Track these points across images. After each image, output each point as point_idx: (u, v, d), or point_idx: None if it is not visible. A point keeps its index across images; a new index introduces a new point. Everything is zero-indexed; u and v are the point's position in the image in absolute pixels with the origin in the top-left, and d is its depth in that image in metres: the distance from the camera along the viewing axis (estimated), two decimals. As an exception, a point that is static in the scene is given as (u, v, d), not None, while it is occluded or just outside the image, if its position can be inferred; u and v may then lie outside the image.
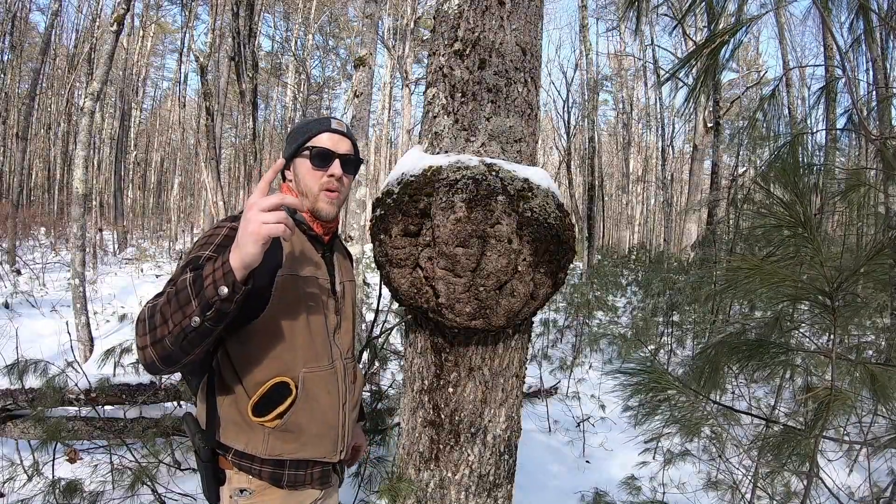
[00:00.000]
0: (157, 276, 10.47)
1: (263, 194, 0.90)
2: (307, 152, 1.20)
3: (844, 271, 1.22)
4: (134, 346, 3.59)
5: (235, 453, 1.12)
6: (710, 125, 8.97)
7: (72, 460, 2.67)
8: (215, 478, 1.15)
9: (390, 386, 3.09)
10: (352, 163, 1.25)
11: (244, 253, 0.87)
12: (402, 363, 2.35)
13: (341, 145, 1.22)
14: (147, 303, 0.95)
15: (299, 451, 1.15)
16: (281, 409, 1.10)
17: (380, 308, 2.92)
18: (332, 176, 1.20)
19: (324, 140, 1.21)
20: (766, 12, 1.76)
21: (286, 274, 1.12)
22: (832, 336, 1.32)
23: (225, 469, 1.14)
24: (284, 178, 1.28)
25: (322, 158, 1.20)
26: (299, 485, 1.17)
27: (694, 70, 1.87)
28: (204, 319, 0.86)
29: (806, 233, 1.23)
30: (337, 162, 1.20)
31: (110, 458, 2.53)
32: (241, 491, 1.13)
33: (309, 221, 1.23)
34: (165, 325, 0.88)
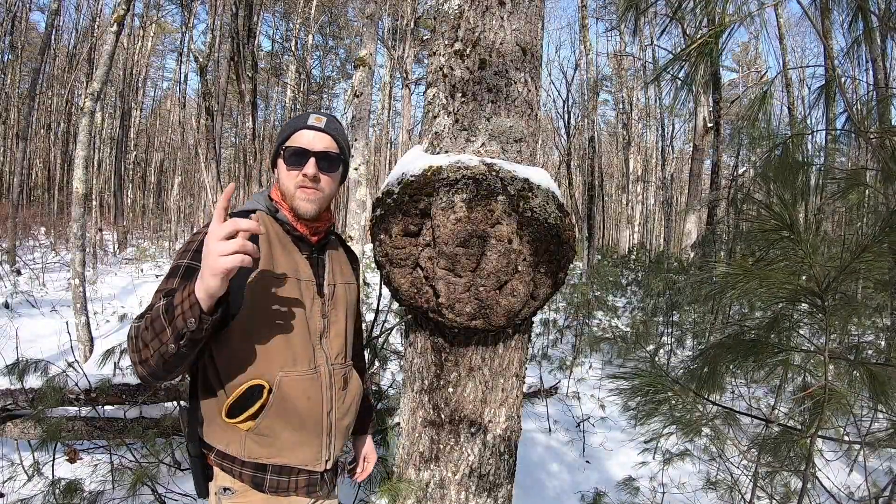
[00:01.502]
0: (156, 276, 10.46)
1: (220, 221, 0.89)
2: (282, 152, 1.18)
3: (835, 271, 1.23)
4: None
5: (217, 453, 1.13)
6: (710, 125, 8.96)
7: (72, 460, 2.67)
8: (203, 473, 1.15)
9: (390, 386, 3.09)
10: (332, 160, 1.19)
11: (207, 286, 0.88)
12: (402, 363, 2.35)
13: (318, 142, 1.17)
14: (134, 321, 0.99)
15: (276, 457, 1.12)
16: (251, 411, 1.07)
17: (380, 308, 2.92)
18: (305, 175, 1.15)
19: (299, 138, 1.17)
20: (749, 15, 1.74)
21: (260, 275, 1.09)
22: (826, 335, 1.33)
23: (212, 466, 1.15)
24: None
25: (296, 157, 1.16)
26: (282, 491, 1.15)
27: (681, 73, 1.87)
28: (179, 347, 0.90)
29: (793, 236, 1.24)
30: (311, 160, 1.16)
31: (110, 458, 2.53)
32: (225, 490, 1.13)
33: (292, 221, 1.20)
34: (147, 348, 0.93)
